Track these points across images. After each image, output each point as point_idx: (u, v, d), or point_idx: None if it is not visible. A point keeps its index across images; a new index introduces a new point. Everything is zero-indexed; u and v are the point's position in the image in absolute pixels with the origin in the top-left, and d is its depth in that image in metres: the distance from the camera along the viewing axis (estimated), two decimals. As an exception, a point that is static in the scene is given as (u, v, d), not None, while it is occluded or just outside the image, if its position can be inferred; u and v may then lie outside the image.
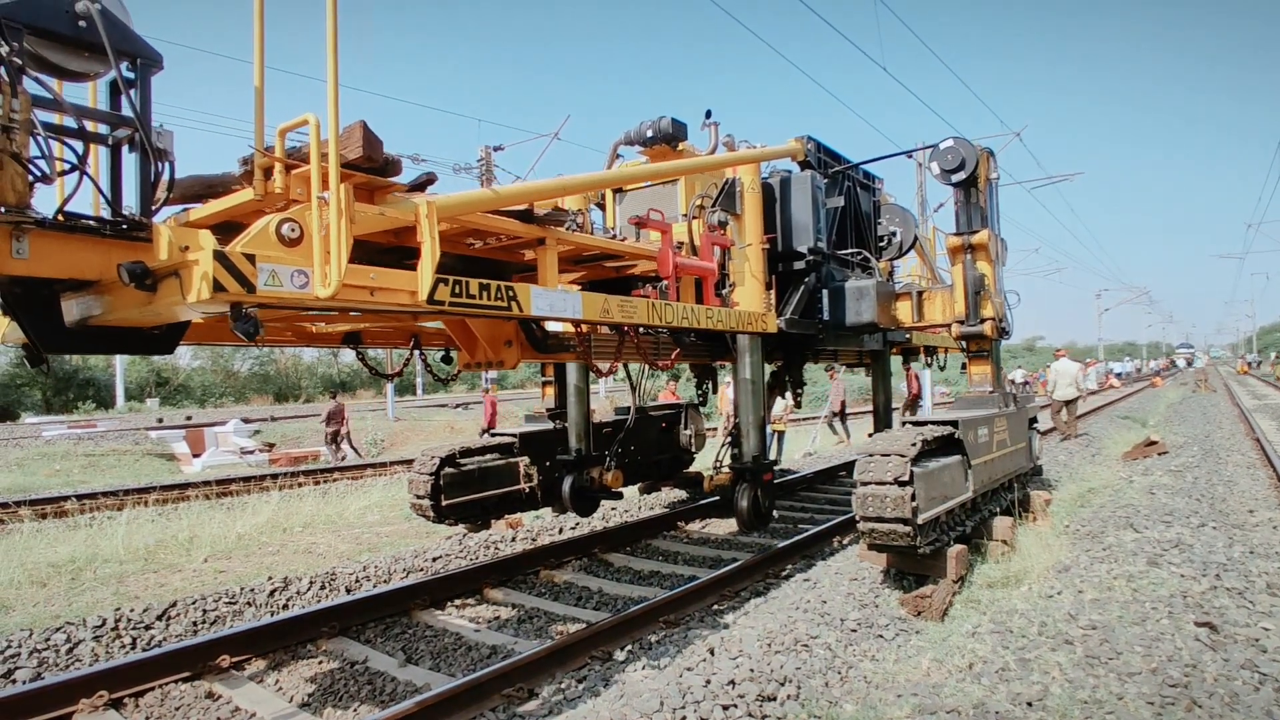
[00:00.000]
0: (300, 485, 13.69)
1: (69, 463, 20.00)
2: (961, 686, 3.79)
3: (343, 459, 18.19)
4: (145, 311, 3.06)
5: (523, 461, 8.40)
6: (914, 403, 18.16)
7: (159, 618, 5.62)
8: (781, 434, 15.18)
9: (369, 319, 5.42)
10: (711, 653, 4.36)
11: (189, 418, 30.96)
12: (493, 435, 8.76)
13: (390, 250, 4.75)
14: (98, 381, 43.28)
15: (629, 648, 5.08)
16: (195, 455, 21.52)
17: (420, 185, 4.02)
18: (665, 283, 5.18)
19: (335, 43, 2.94)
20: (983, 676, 3.87)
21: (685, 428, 10.65)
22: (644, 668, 4.54)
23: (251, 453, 21.40)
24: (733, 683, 3.87)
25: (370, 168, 3.34)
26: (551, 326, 5.80)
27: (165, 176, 3.15)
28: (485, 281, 3.73)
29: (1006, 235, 7.35)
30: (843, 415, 18.02)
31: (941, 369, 11.23)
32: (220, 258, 2.73)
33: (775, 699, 3.81)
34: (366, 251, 4.73)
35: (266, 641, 5.26)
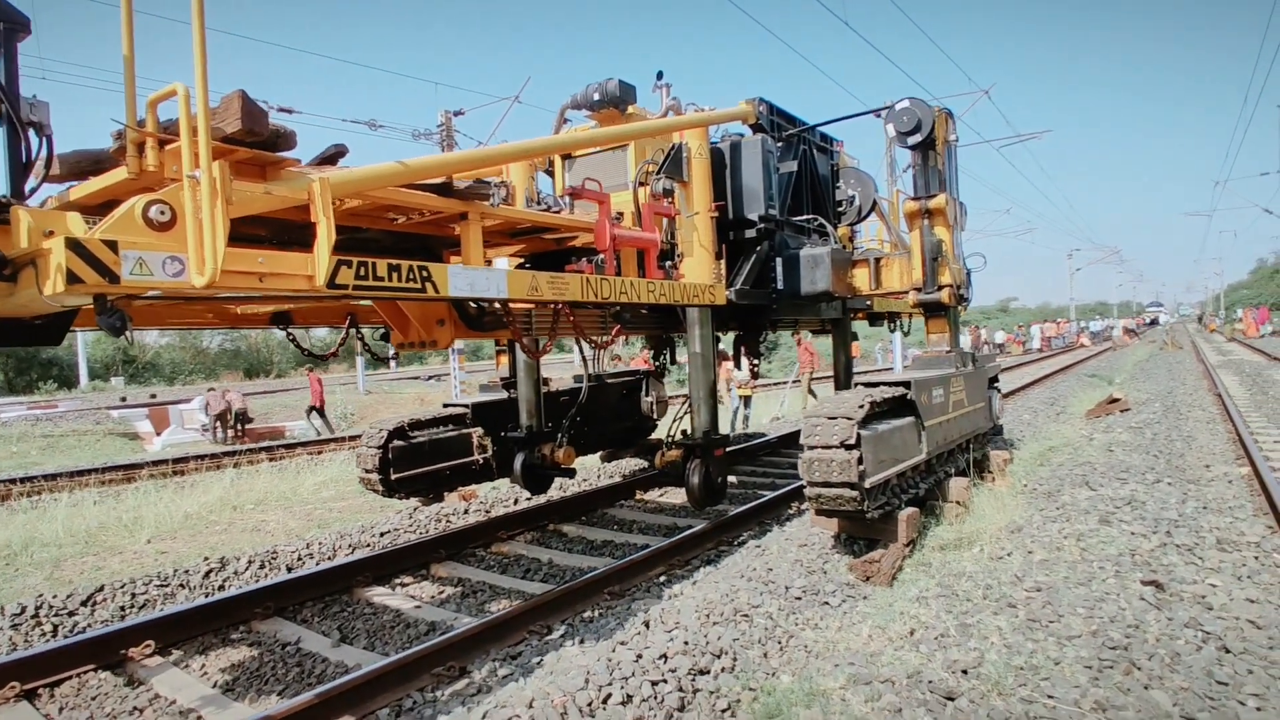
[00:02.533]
0: (258, 462, 13.42)
1: (26, 444, 19.52)
2: (899, 655, 3.68)
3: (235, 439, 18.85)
4: (10, 303, 2.81)
5: (476, 433, 8.19)
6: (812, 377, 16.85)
7: (84, 603, 5.39)
8: (748, 398, 15.12)
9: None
10: (647, 626, 4.23)
11: (153, 396, 30.40)
12: (445, 406, 8.54)
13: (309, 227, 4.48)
14: (61, 361, 42.28)
15: (569, 622, 4.94)
16: (159, 434, 21.10)
17: (330, 158, 3.74)
18: (602, 256, 4.93)
19: (201, 6, 2.66)
20: (921, 644, 3.76)
21: (647, 395, 10.50)
22: (580, 642, 4.40)
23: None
24: (665, 656, 3.73)
25: (254, 142, 3.05)
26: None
27: (43, 152, 2.90)
28: (394, 262, 3.45)
29: (977, 196, 7.34)
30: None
31: (906, 334, 11.11)
32: (74, 246, 2.46)
33: (709, 672, 3.68)
34: (282, 230, 4.46)
35: (195, 625, 5.05)
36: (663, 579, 5.77)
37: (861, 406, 5.09)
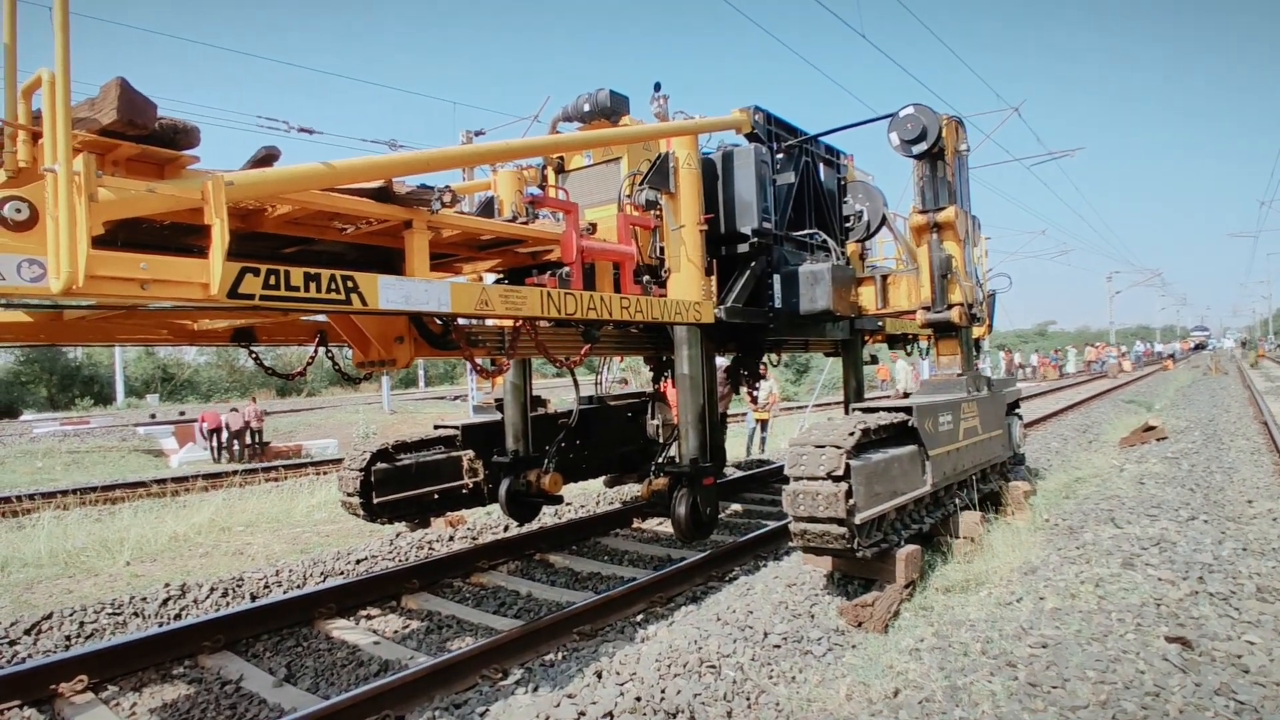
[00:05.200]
0: (266, 481, 13.26)
1: (52, 460, 19.73)
2: (874, 721, 3.22)
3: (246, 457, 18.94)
4: None
5: (466, 456, 7.87)
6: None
7: (28, 631, 5.13)
8: (765, 422, 14.62)
9: (260, 314, 4.84)
10: (599, 676, 3.82)
11: (181, 413, 30.73)
12: (435, 428, 8.24)
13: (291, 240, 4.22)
14: (102, 378, 43.11)
15: (529, 665, 4.53)
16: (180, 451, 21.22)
17: (263, 161, 3.46)
18: (567, 269, 4.59)
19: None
20: (903, 709, 3.30)
21: (653, 418, 10.10)
22: (534, 690, 4.00)
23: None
24: (610, 715, 3.32)
25: (142, 136, 2.76)
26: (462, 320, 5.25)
27: None
28: (313, 271, 3.14)
29: (1010, 216, 6.79)
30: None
31: (923, 356, 10.59)
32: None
33: (658, 735, 3.26)
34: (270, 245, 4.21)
35: (137, 658, 4.74)
36: (640, 618, 5.34)
37: (852, 434, 4.65)
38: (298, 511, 9.90)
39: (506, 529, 7.94)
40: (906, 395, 15.62)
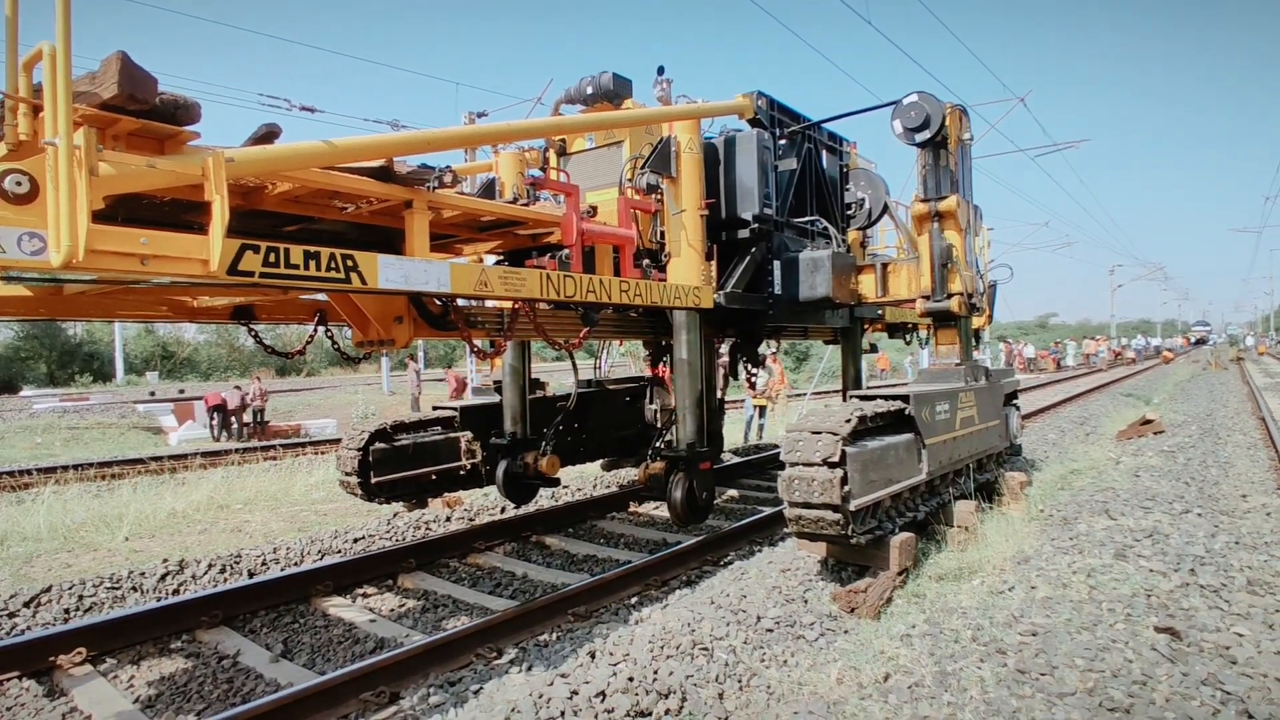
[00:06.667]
0: (264, 460, 13.30)
1: (51, 436, 19.77)
2: (865, 705, 3.25)
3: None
4: None
5: (464, 437, 7.90)
6: None
7: (27, 604, 5.17)
8: (763, 408, 14.65)
9: (259, 292, 4.84)
10: (592, 657, 3.85)
11: (181, 391, 30.77)
12: (434, 409, 8.26)
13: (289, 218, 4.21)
14: (102, 355, 43.05)
15: (523, 645, 4.58)
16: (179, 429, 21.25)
17: (264, 138, 3.45)
18: (566, 251, 4.59)
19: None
20: (892, 693, 3.33)
21: (651, 402, 10.12)
22: (528, 670, 4.04)
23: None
24: (602, 695, 3.35)
25: (143, 111, 2.74)
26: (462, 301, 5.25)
27: None
28: (312, 249, 3.14)
29: (1013, 207, 6.77)
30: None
31: (923, 345, 10.58)
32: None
33: (650, 715, 3.29)
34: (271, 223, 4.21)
35: (135, 632, 4.79)
36: (634, 600, 5.39)
37: (849, 421, 4.66)
38: (296, 490, 9.93)
39: (503, 510, 7.97)
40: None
